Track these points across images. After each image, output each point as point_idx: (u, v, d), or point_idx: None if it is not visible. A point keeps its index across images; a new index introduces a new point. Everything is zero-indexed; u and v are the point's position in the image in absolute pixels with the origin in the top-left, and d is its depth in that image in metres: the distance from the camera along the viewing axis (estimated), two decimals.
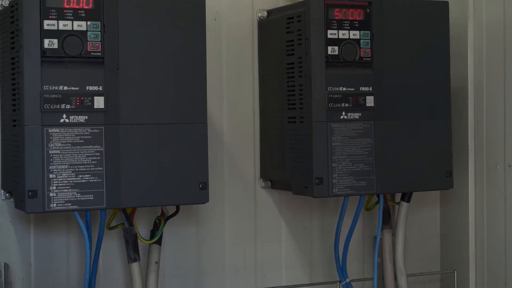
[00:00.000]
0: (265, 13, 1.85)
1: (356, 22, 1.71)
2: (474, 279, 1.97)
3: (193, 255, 1.83)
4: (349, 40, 1.71)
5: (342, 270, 1.81)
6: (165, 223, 1.64)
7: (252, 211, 1.89)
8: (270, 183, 1.88)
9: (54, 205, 1.47)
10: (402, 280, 1.84)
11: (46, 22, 1.47)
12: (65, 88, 1.48)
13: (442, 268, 2.07)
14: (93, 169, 1.50)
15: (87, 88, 1.50)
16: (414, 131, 1.77)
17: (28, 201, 1.45)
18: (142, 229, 1.65)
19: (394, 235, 1.87)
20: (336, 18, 1.70)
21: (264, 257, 1.90)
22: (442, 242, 2.08)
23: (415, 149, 1.77)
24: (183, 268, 1.82)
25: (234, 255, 1.88)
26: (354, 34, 1.71)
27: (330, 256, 1.90)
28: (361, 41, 1.72)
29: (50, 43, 1.47)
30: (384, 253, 1.86)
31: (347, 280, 1.81)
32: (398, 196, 1.89)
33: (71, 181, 1.48)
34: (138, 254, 1.61)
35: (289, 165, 1.74)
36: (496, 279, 1.92)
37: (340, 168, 1.69)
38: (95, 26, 1.50)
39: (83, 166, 1.49)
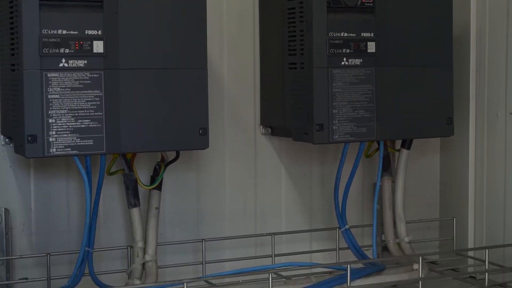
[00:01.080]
0: None
1: None
2: (473, 226, 1.98)
3: (193, 201, 1.84)
4: None
5: (341, 216, 1.81)
6: (165, 168, 1.64)
7: (252, 157, 1.89)
8: (270, 130, 1.88)
9: (54, 150, 1.47)
10: (401, 227, 1.85)
11: None
12: (64, 32, 1.47)
13: (441, 216, 2.07)
14: (93, 114, 1.49)
15: (86, 32, 1.48)
16: (415, 78, 1.76)
17: (28, 146, 1.45)
18: (142, 175, 1.65)
19: (393, 182, 1.87)
20: None
21: (264, 203, 1.91)
22: (442, 190, 2.08)
23: (416, 96, 1.76)
24: (183, 214, 1.83)
25: (234, 201, 1.88)
26: None
27: (329, 203, 1.90)
28: None
29: None
30: (384, 200, 1.87)
31: (347, 227, 1.81)
32: (398, 144, 1.89)
33: (70, 126, 1.47)
34: (138, 199, 1.62)
35: (289, 112, 1.74)
36: (495, 226, 1.92)
37: (340, 114, 1.69)
38: None
39: (83, 111, 1.48)
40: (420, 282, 1.62)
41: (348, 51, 1.69)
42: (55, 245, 1.69)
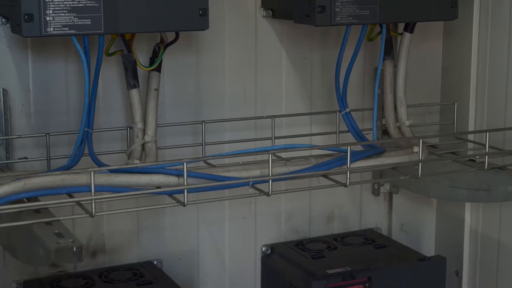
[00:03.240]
0: None
1: None
2: (474, 111, 1.97)
3: (193, 84, 1.82)
4: None
5: (342, 100, 1.80)
6: (164, 50, 1.62)
7: (253, 40, 1.87)
8: (271, 12, 1.85)
9: (51, 29, 1.44)
10: (402, 110, 1.84)
11: None
12: None
13: (442, 101, 2.06)
14: None
15: None
16: None
17: (25, 25, 1.42)
18: (141, 57, 1.63)
19: (395, 66, 1.85)
20: None
21: (264, 87, 1.90)
22: (444, 75, 2.07)
23: None
24: (182, 97, 1.82)
25: (234, 84, 1.87)
26: None
27: (330, 87, 1.89)
28: None
29: None
30: (385, 84, 1.85)
31: (347, 110, 1.81)
32: (401, 27, 1.86)
33: (67, 5, 1.44)
34: (138, 80, 1.60)
35: None
36: (496, 111, 1.92)
37: None
38: None
39: None
40: (420, 164, 1.63)
41: None
42: (54, 126, 1.69)
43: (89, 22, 1.46)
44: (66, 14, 1.44)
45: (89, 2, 1.46)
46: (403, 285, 1.81)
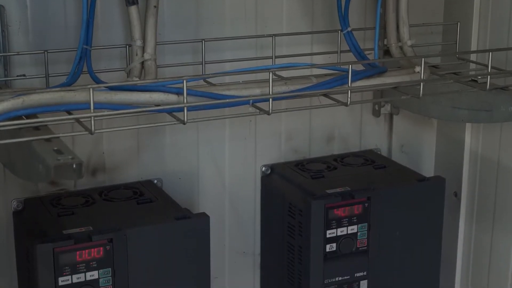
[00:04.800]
0: None
1: None
2: (476, 31, 1.95)
3: (193, 2, 1.80)
4: None
5: (343, 19, 1.78)
6: None
7: None
8: None
9: None
10: (404, 30, 1.81)
11: None
12: None
13: (445, 21, 2.04)
14: None
15: None
16: None
17: None
18: None
19: None
20: None
21: (265, 6, 1.87)
22: None
23: None
24: (182, 16, 1.79)
25: (235, 4, 1.84)
26: None
27: (332, 6, 1.87)
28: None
29: None
30: (387, 3, 1.83)
31: (349, 29, 1.79)
32: None
33: None
34: None
35: None
36: (499, 31, 1.90)
37: None
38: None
39: None
40: (421, 84, 1.61)
41: None
42: (53, 44, 1.66)
43: None
44: None
45: None
46: (402, 205, 1.82)
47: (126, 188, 1.76)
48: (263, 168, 1.94)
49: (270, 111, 1.51)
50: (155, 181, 1.82)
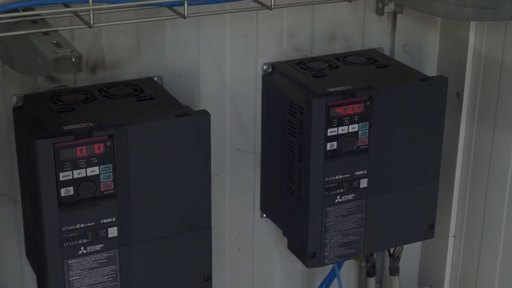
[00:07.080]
0: None
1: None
2: None
3: None
4: None
5: None
6: None
7: None
8: None
9: None
10: None
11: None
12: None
13: None
14: None
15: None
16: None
17: None
18: None
19: None
20: None
21: None
22: None
23: None
24: None
25: None
26: None
27: None
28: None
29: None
30: None
31: None
32: None
33: None
34: None
35: None
36: None
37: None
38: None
39: None
40: None
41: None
42: None
43: None
44: None
45: None
46: (404, 104, 1.81)
47: (126, 85, 1.75)
48: (264, 67, 1.92)
49: (272, 6, 1.49)
50: (155, 79, 1.81)
